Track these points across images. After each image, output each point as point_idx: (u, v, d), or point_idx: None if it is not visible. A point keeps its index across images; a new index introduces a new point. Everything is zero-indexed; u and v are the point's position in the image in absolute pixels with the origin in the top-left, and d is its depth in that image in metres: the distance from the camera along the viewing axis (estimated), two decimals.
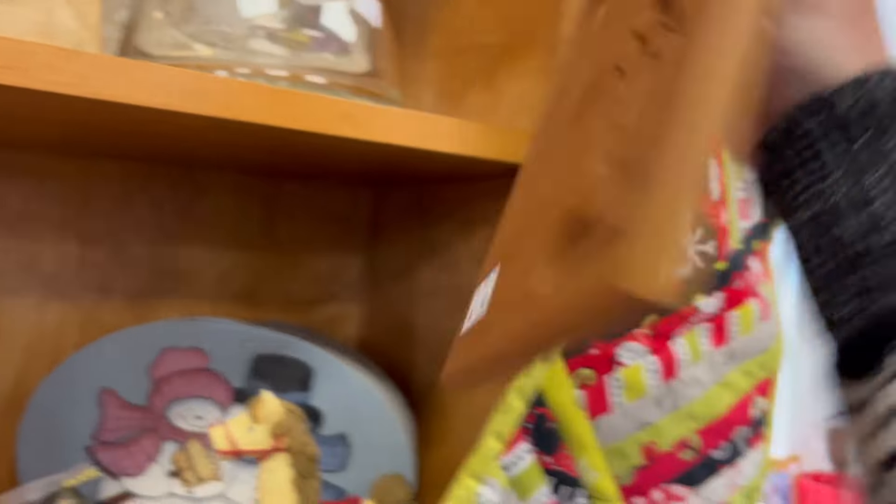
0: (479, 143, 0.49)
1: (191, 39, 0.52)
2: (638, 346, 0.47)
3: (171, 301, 0.67)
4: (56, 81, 0.35)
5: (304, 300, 0.75)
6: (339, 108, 0.43)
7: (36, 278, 0.61)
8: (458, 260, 0.65)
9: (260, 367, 0.55)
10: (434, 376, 0.67)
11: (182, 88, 0.38)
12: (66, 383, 0.55)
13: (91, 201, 0.63)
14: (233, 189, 0.70)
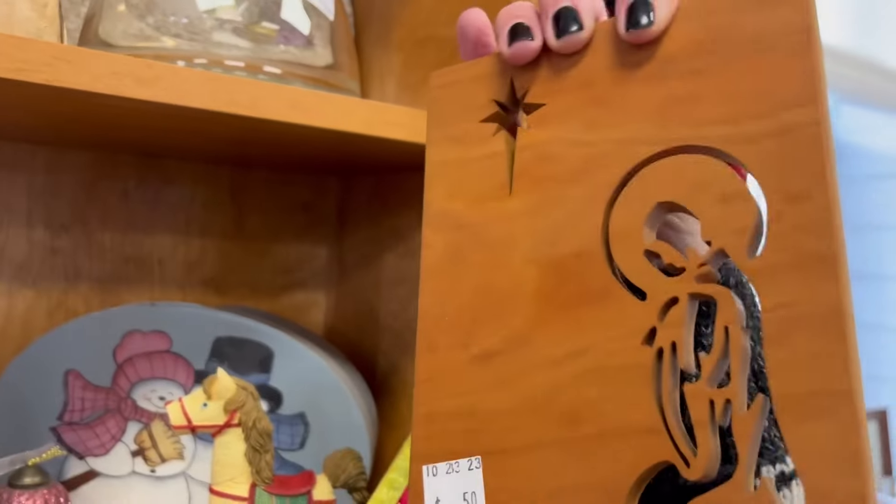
0: None
1: (156, 31, 0.54)
2: None
3: (138, 288, 0.69)
4: (7, 68, 0.36)
5: (272, 288, 0.76)
6: (288, 95, 0.44)
7: (5, 266, 0.62)
8: (418, 247, 0.67)
9: (221, 350, 0.56)
10: (397, 360, 0.69)
11: (132, 75, 0.40)
12: (32, 365, 0.56)
13: (59, 190, 0.64)
14: (201, 178, 0.71)
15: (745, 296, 0.32)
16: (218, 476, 0.46)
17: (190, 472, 0.56)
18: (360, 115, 0.47)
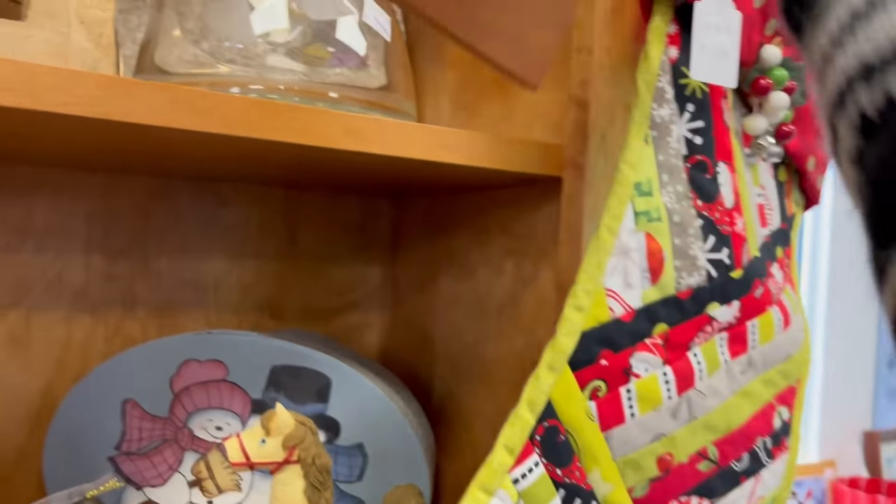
0: (486, 154, 0.48)
1: (210, 57, 0.53)
2: (652, 356, 0.46)
3: (194, 313, 0.68)
4: (64, 103, 0.36)
5: (326, 310, 0.75)
6: (343, 122, 0.43)
7: (63, 293, 0.62)
8: (474, 269, 0.65)
9: (277, 379, 0.55)
10: (453, 386, 0.67)
11: (188, 106, 0.39)
12: (90, 395, 0.56)
13: (116, 215, 0.64)
14: (255, 200, 0.71)
15: None
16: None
17: (247, 503, 0.55)
18: (415, 140, 0.46)
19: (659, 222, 0.46)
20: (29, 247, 0.61)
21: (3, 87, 0.34)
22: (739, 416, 0.50)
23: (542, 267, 0.57)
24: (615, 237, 0.44)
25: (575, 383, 0.43)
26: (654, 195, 0.46)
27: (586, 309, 0.43)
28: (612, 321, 0.45)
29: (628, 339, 0.45)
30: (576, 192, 0.51)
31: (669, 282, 0.47)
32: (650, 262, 0.46)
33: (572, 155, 0.52)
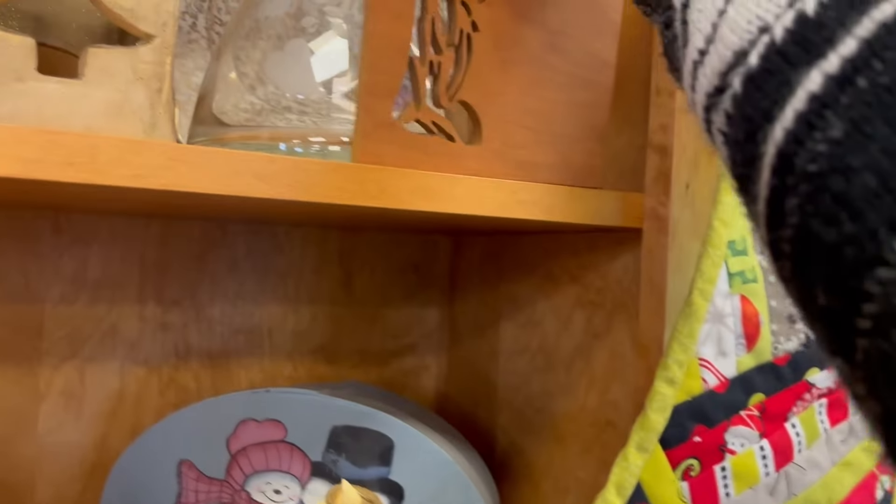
0: (563, 208, 0.45)
1: (266, 104, 0.51)
2: (748, 430, 0.42)
3: (248, 361, 0.66)
4: (124, 175, 0.34)
5: (382, 353, 0.73)
6: (414, 181, 0.40)
7: (118, 345, 0.61)
8: (540, 317, 0.62)
9: (338, 440, 0.53)
10: (518, 439, 0.64)
11: (252, 172, 0.36)
12: (146, 454, 0.54)
13: (170, 263, 0.62)
14: (310, 243, 0.68)
15: None
16: None
17: None
18: (489, 197, 0.43)
19: (754, 283, 0.42)
20: (83, 298, 0.59)
21: (66, 162, 0.32)
22: (841, 489, 0.46)
23: (616, 320, 0.54)
24: (709, 302, 0.41)
25: (666, 463, 0.40)
26: (748, 254, 0.42)
27: (678, 382, 0.40)
28: (706, 393, 0.41)
29: (723, 413, 0.41)
30: (658, 245, 0.48)
31: (766, 347, 0.43)
32: (745, 328, 0.42)
33: (653, 205, 0.48)
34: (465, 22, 0.40)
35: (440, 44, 0.40)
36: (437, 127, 0.41)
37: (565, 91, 0.46)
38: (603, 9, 0.47)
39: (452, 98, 0.41)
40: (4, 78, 0.37)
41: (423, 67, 0.40)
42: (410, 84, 0.40)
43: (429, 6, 0.39)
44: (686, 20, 0.26)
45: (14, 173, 0.31)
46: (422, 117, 0.40)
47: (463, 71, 0.41)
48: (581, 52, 0.46)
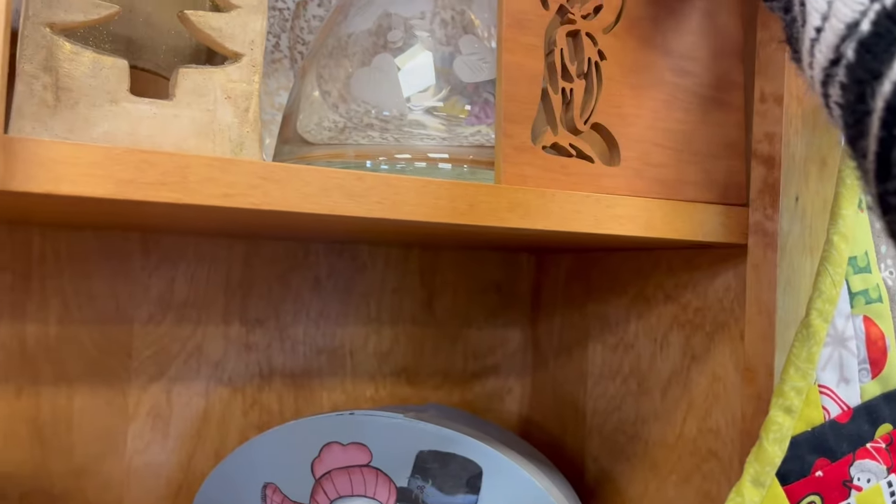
0: (662, 223, 0.43)
1: (347, 122, 0.50)
2: (875, 464, 0.38)
3: (330, 381, 0.65)
4: (214, 194, 0.33)
5: (463, 374, 0.71)
6: (508, 197, 0.39)
7: (203, 366, 0.61)
8: (632, 338, 0.59)
9: (424, 465, 0.51)
10: (609, 467, 0.61)
11: (342, 190, 0.35)
12: (231, 477, 0.53)
13: (254, 283, 0.62)
14: (391, 262, 0.67)
15: None
16: None
17: None
18: (585, 212, 0.41)
19: (879, 303, 0.39)
20: (170, 318, 0.60)
21: (158, 182, 0.32)
22: None
23: (718, 342, 0.51)
24: (829, 323, 0.37)
25: (785, 499, 0.37)
26: (872, 271, 0.39)
27: (796, 410, 0.37)
28: (827, 423, 0.38)
29: (847, 445, 0.38)
30: (765, 262, 0.45)
31: (893, 373, 0.39)
32: (870, 352, 0.38)
33: (759, 219, 0.45)
34: (591, 51, 0.42)
35: (570, 72, 0.42)
36: (575, 149, 0.42)
37: (698, 112, 0.46)
38: (724, 30, 0.47)
39: (587, 122, 0.42)
40: (99, 100, 0.37)
41: (556, 95, 0.41)
42: (545, 111, 0.41)
43: (557, 39, 0.41)
44: (804, 1, 0.28)
45: (109, 194, 0.31)
46: (560, 141, 0.41)
47: (594, 97, 0.42)
48: (708, 73, 0.46)
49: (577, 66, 0.42)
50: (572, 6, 0.42)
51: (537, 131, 0.40)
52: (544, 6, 0.41)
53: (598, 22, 0.43)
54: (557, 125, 0.41)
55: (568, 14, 0.42)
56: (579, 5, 0.42)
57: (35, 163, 0.30)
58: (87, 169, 0.30)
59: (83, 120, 0.37)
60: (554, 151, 0.41)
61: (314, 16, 0.63)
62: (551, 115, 0.41)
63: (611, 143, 0.43)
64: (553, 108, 0.41)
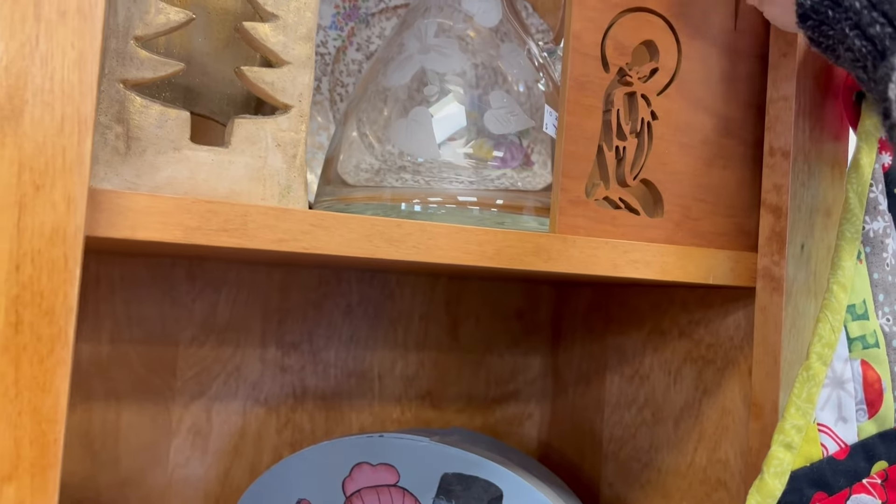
0: (676, 267, 0.46)
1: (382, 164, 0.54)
2: (871, 498, 0.41)
3: (359, 403, 0.69)
4: (270, 239, 0.37)
5: (485, 399, 0.74)
6: (532, 242, 0.42)
7: (241, 386, 0.65)
8: (648, 372, 0.62)
9: (448, 487, 0.54)
10: (624, 493, 0.64)
11: (383, 236, 0.39)
12: (266, 493, 0.57)
13: (289, 308, 0.66)
14: (418, 291, 0.71)
15: None
16: None
17: None
18: (603, 257, 0.44)
19: (876, 348, 0.42)
20: (212, 340, 0.64)
21: (221, 229, 0.35)
22: None
23: (727, 377, 0.54)
24: (827, 366, 0.40)
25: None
26: (869, 318, 0.42)
27: (796, 447, 0.40)
28: (825, 459, 0.41)
29: (844, 480, 0.41)
30: (772, 304, 0.48)
31: (889, 414, 0.42)
32: (867, 394, 0.41)
33: (767, 265, 0.48)
34: (645, 112, 0.46)
35: (624, 131, 0.46)
36: (623, 202, 0.46)
37: (738, 169, 0.50)
38: (755, 90, 0.51)
39: (636, 178, 0.46)
40: (164, 147, 0.41)
41: (610, 152, 0.46)
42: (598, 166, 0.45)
43: (614, 100, 0.45)
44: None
45: (178, 239, 0.35)
46: (611, 195, 0.46)
47: (644, 154, 0.46)
48: (745, 133, 0.50)
49: (630, 125, 0.46)
50: (630, 69, 0.46)
51: (590, 184, 0.44)
52: (605, 69, 0.45)
53: (654, 84, 0.47)
54: (610, 180, 0.45)
55: (626, 76, 0.46)
56: (637, 68, 0.46)
57: (116, 212, 0.34)
58: (161, 217, 0.35)
59: (149, 166, 0.41)
60: (606, 203, 0.45)
61: (353, 60, 0.67)
62: (604, 171, 0.45)
63: (656, 198, 0.47)
64: (607, 163, 0.45)
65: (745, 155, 0.50)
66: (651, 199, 0.48)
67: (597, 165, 0.45)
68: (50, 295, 0.31)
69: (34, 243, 0.31)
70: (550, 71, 0.55)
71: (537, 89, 0.53)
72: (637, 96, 0.46)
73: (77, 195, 0.31)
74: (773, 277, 0.48)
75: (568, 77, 0.43)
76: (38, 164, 0.31)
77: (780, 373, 0.47)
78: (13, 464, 0.30)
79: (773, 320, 0.47)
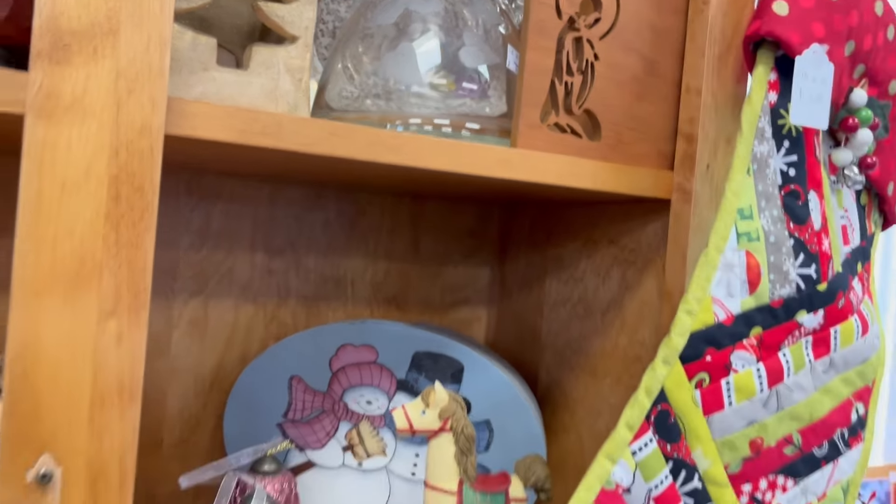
0: (611, 180, 0.58)
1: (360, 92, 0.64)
2: (748, 354, 0.55)
3: (335, 304, 0.79)
4: (299, 143, 0.46)
5: (442, 305, 0.86)
6: (497, 154, 0.53)
7: (233, 285, 0.74)
8: (582, 275, 0.74)
9: (419, 362, 0.66)
10: (558, 375, 0.77)
11: (384, 145, 0.49)
12: (263, 371, 0.67)
13: (275, 220, 0.76)
14: (387, 209, 0.81)
15: None
16: (432, 473, 0.55)
17: (391, 466, 0.66)
18: (553, 169, 0.55)
19: (757, 242, 0.55)
20: (207, 246, 0.73)
21: (262, 133, 0.45)
22: (821, 409, 0.58)
23: (646, 275, 0.66)
24: (721, 254, 0.53)
25: (684, 375, 0.53)
26: (753, 219, 0.54)
27: (696, 314, 0.52)
28: (716, 324, 0.53)
29: (729, 340, 0.54)
30: (683, 213, 0.60)
31: (764, 292, 0.55)
32: (749, 276, 0.54)
33: (680, 181, 0.61)
34: (589, 54, 0.57)
35: (572, 69, 0.56)
36: (570, 127, 0.57)
37: (661, 104, 0.62)
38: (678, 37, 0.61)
39: (581, 108, 0.57)
40: (195, 68, 0.50)
41: (560, 86, 0.56)
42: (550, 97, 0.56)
43: (565, 43, 0.56)
44: None
45: (229, 139, 0.44)
46: (560, 121, 0.57)
47: (587, 89, 0.57)
48: (673, 76, 0.62)
49: (577, 64, 0.56)
50: (578, 17, 0.56)
51: (543, 112, 0.55)
52: (559, 17, 0.55)
53: (596, 31, 0.57)
54: (560, 109, 0.56)
55: (575, 24, 0.56)
56: (584, 17, 0.56)
57: (182, 115, 0.43)
58: (216, 121, 0.44)
59: (184, 83, 0.49)
60: (555, 128, 0.56)
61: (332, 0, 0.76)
62: (555, 101, 0.56)
63: (596, 125, 0.58)
64: (557, 95, 0.56)
65: (667, 92, 0.62)
66: (591, 126, 0.59)
67: (549, 97, 0.56)
68: (140, 175, 0.40)
69: (128, 135, 0.40)
70: (511, 17, 0.65)
71: (497, 32, 0.64)
72: (583, 40, 0.57)
73: (159, 99, 0.40)
74: (685, 191, 0.60)
75: (529, 22, 0.54)
76: (131, 72, 0.40)
77: (686, 265, 0.60)
78: (115, 304, 0.40)
79: (684, 224, 0.60)
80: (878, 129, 0.62)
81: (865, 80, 0.62)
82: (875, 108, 0.61)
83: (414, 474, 0.65)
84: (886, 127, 0.64)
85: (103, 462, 0.40)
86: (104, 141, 0.39)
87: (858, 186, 0.63)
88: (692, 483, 0.54)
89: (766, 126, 0.56)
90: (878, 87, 0.63)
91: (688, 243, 0.60)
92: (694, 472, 0.54)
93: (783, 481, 0.57)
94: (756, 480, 0.56)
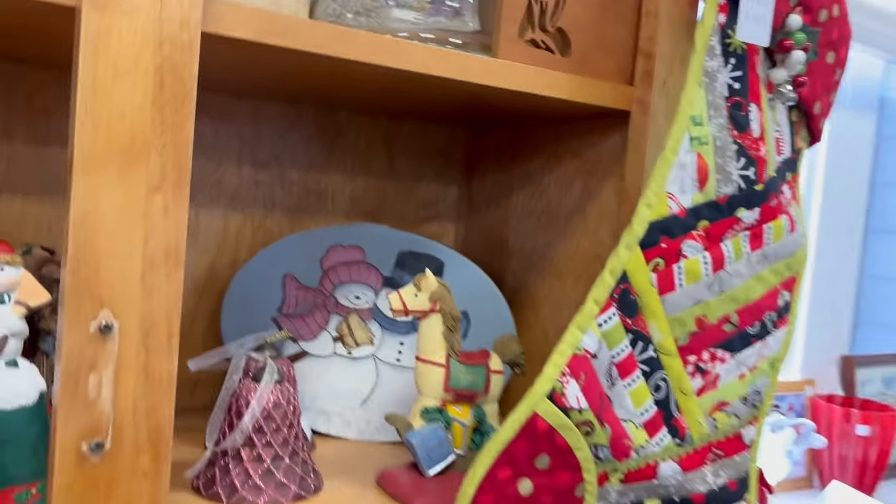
0: (578, 90, 0.65)
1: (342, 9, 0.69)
2: (696, 244, 0.63)
3: (316, 216, 0.85)
4: (310, 44, 0.52)
5: (415, 220, 0.92)
6: (483, 64, 0.59)
7: (223, 195, 0.79)
8: (546, 187, 0.82)
9: (404, 261, 0.72)
10: (524, 278, 0.85)
11: (387, 50, 0.55)
12: (258, 270, 0.73)
13: (260, 136, 0.80)
14: (363, 129, 0.87)
15: None
16: (423, 348, 0.62)
17: (378, 354, 0.73)
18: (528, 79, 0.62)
19: (706, 146, 0.63)
20: (199, 158, 0.77)
21: (280, 34, 0.50)
22: (755, 293, 0.68)
23: (606, 184, 0.74)
24: (676, 156, 0.61)
25: (643, 259, 0.61)
26: (704, 125, 0.62)
27: (654, 206, 0.60)
28: (671, 216, 0.62)
29: (681, 230, 0.62)
30: (642, 123, 0.68)
31: (711, 190, 0.63)
32: (699, 175, 0.63)
33: (640, 95, 0.68)
34: None
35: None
36: (544, 43, 0.63)
37: (625, 25, 0.69)
38: None
39: (554, 26, 0.63)
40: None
41: (536, 5, 0.62)
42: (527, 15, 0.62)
43: None
44: None
45: (252, 37, 0.49)
46: (535, 37, 0.64)
47: (560, 9, 0.64)
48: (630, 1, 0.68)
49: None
50: None
51: (521, 28, 0.61)
52: None
53: None
54: (535, 26, 0.62)
55: None
56: None
57: (213, 14, 0.47)
58: (242, 22, 0.49)
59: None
60: (531, 44, 0.62)
61: None
62: (532, 19, 0.62)
63: (566, 42, 0.65)
64: (534, 14, 0.62)
65: (628, 15, 0.69)
66: (563, 43, 0.66)
67: (526, 14, 0.62)
68: (181, 66, 0.45)
69: (170, 29, 0.44)
70: None
71: None
72: None
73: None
74: (643, 103, 0.68)
75: None
76: None
77: (644, 170, 0.67)
78: (161, 180, 0.45)
79: (642, 133, 0.68)
80: (809, 52, 0.71)
81: (800, 7, 0.70)
82: (807, 32, 0.70)
83: (399, 360, 0.72)
84: (816, 52, 0.72)
85: (154, 318, 0.45)
86: (150, 33, 0.44)
87: (791, 103, 0.71)
88: (647, 352, 0.62)
89: (716, 44, 0.64)
90: (811, 15, 0.71)
91: (646, 151, 0.68)
92: (649, 343, 0.62)
93: (722, 353, 0.66)
94: (700, 352, 0.65)
